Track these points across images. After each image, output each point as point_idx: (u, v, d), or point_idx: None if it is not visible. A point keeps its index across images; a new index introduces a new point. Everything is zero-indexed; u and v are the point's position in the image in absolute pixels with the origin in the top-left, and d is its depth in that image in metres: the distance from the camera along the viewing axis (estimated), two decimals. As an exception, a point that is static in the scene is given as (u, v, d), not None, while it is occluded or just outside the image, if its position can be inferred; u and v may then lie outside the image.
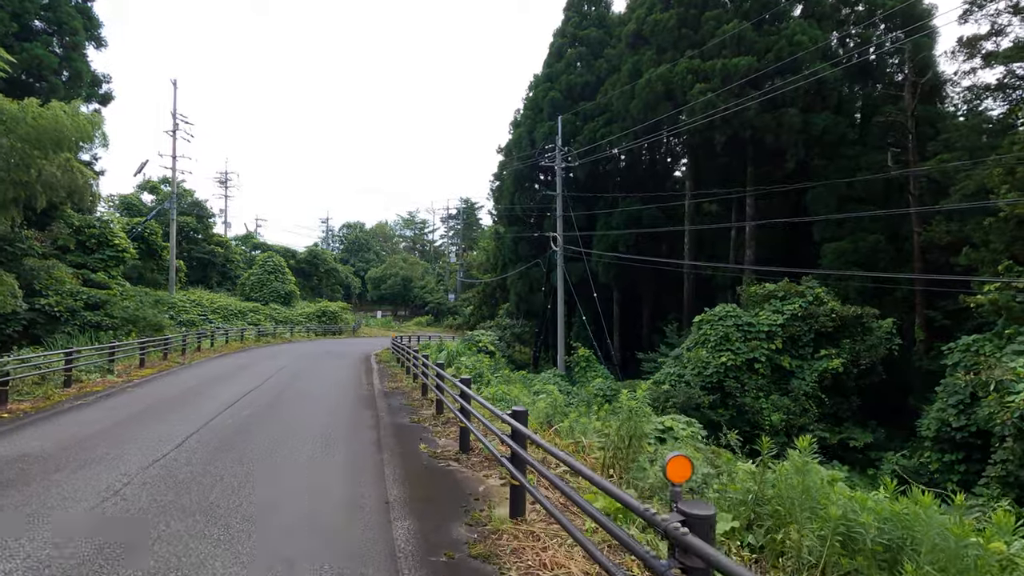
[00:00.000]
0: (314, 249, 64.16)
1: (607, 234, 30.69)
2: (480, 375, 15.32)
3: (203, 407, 9.79)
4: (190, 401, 10.45)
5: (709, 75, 23.38)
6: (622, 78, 28.33)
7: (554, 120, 32.66)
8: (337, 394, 11.94)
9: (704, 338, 20.69)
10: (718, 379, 19.64)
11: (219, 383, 13.30)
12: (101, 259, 25.66)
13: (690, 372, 20.39)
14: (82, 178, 21.22)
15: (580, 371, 25.12)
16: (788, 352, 20.29)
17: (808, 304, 20.33)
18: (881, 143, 23.11)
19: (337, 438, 7.57)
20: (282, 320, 43.60)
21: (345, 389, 12.88)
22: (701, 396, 19.07)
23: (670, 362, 22.73)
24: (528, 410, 5.22)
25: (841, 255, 22.35)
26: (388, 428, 8.29)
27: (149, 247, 39.86)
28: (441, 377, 9.02)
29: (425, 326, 69.45)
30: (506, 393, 11.71)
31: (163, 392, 11.57)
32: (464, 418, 6.68)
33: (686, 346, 22.15)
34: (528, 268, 35.38)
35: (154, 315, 23.30)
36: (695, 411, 19.16)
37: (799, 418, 18.80)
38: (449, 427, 8.48)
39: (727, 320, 20.48)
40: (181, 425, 8.06)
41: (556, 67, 34.02)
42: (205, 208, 54.06)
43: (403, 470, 6.04)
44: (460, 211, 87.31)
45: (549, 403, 9.27)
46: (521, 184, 35.45)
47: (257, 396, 11.24)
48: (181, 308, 37.15)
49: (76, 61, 25.52)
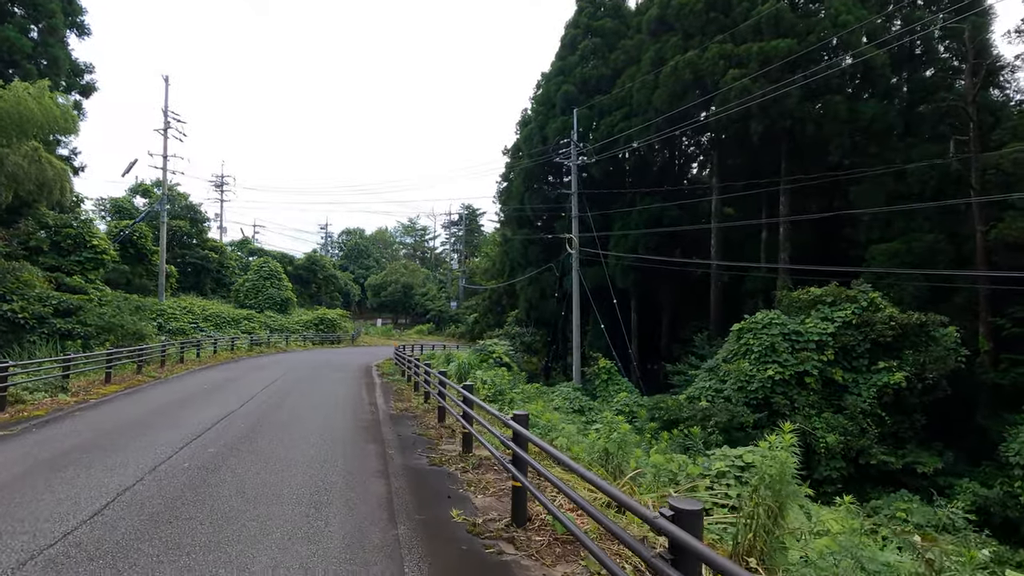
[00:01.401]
0: (312, 255, 62.01)
1: (625, 235, 28.58)
2: (501, 392, 13.11)
3: (157, 441, 7.58)
4: (144, 432, 8.23)
5: (744, 60, 21.37)
6: (643, 68, 26.36)
7: (567, 115, 30.67)
8: (333, 419, 9.72)
9: (746, 348, 18.51)
10: (764, 395, 17.44)
11: (191, 404, 11.08)
12: (77, 261, 23.48)
13: (731, 387, 18.20)
14: (52, 170, 19.12)
15: (601, 384, 22.92)
16: (840, 364, 18.12)
17: (862, 310, 18.18)
18: (933, 133, 21.04)
19: (331, 496, 5.35)
20: (278, 328, 41.36)
21: (343, 411, 10.66)
22: (746, 414, 16.85)
23: (703, 375, 20.54)
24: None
25: (893, 257, 20.22)
26: (402, 476, 6.09)
27: (138, 251, 37.76)
28: (469, 403, 6.83)
29: (426, 334, 67.16)
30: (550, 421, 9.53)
31: (117, 418, 9.34)
32: (517, 471, 4.48)
33: (722, 357, 19.97)
34: (539, 273, 33.24)
35: (133, 323, 21.07)
36: (739, 431, 16.98)
37: (857, 439, 16.58)
38: (484, 473, 6.28)
39: (772, 328, 18.30)
40: (111, 477, 5.81)
41: (569, 60, 32.08)
42: (199, 212, 51.96)
43: (433, 564, 3.84)
44: (462, 216, 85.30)
45: (614, 439, 7.05)
46: (531, 184, 33.39)
47: (232, 424, 9.02)
48: (170, 315, 35.01)
49: (53, 47, 23.51)
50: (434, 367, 12.20)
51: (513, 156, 38.01)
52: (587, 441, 8.53)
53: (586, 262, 28.25)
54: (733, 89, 21.13)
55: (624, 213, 29.56)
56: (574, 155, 27.22)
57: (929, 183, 19.37)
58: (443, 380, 9.10)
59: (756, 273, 25.68)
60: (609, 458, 7.24)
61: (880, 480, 16.70)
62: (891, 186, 20.56)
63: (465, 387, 6.92)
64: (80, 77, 26.59)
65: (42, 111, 17.30)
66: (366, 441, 7.98)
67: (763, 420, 17.06)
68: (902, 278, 20.02)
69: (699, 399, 19.15)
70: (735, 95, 21.06)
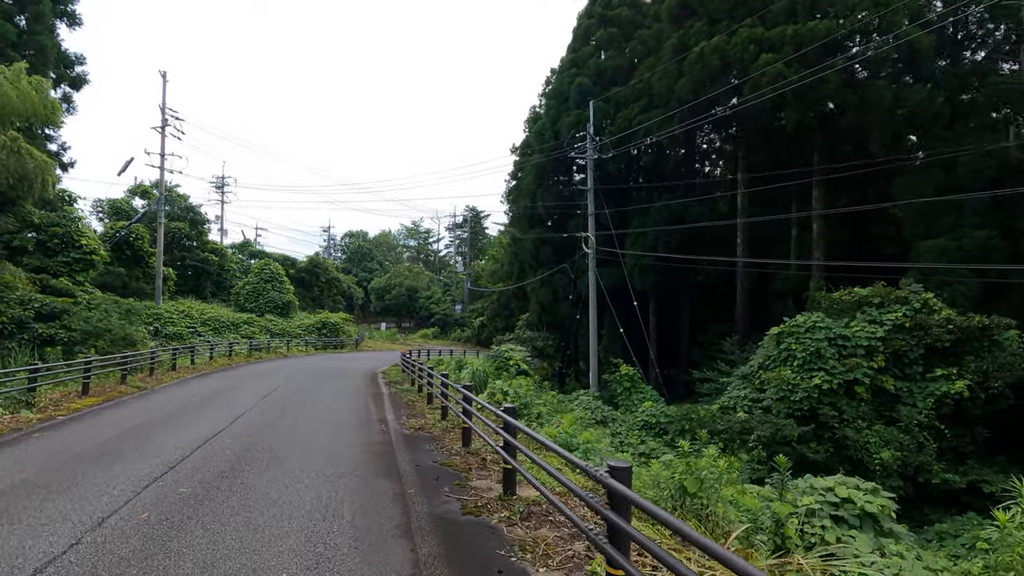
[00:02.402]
0: (315, 258, 60.55)
1: (644, 233, 27.04)
2: (526, 406, 11.57)
3: (118, 477, 6.08)
4: (106, 463, 6.73)
5: (777, 44, 19.86)
6: (664, 56, 24.88)
7: (582, 108, 29.21)
8: (337, 442, 8.21)
9: (788, 354, 16.94)
10: (810, 405, 15.85)
11: (173, 422, 9.59)
12: (65, 262, 22.07)
13: (771, 396, 16.62)
14: (33, 162, 17.67)
15: (623, 392, 21.32)
16: (890, 371, 16.54)
17: (914, 312, 16.61)
18: (984, 121, 19.49)
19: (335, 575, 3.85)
20: (279, 333, 39.91)
21: (349, 431, 9.16)
22: (791, 427, 15.26)
23: (736, 383, 18.98)
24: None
25: (941, 254, 18.64)
26: (429, 533, 4.55)
27: (135, 253, 36.42)
28: (512, 430, 5.31)
29: (431, 338, 65.65)
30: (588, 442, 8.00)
31: (79, 443, 7.84)
32: (616, 552, 2.97)
33: (758, 363, 18.41)
34: (551, 274, 31.70)
35: (122, 327, 19.63)
36: (783, 446, 15.38)
37: (915, 455, 14.98)
38: (537, 527, 4.74)
39: (816, 332, 16.73)
40: (35, 542, 4.31)
41: (583, 51, 30.63)
42: (199, 213, 50.62)
43: None
44: (467, 219, 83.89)
45: (694, 476, 5.53)
46: (544, 181, 31.89)
47: (216, 449, 7.53)
48: (168, 320, 33.65)
49: (40, 35, 22.15)
50: (449, 377, 10.77)
51: (522, 153, 36.58)
52: (648, 472, 7.01)
53: (601, 262, 26.74)
54: (766, 75, 19.63)
55: (642, 210, 28.04)
56: (590, 149, 25.74)
57: (984, 173, 17.80)
58: (468, 395, 7.58)
59: (785, 272, 24.12)
60: (686, 499, 5.72)
61: (940, 500, 15.10)
62: (940, 178, 18.98)
63: (507, 411, 5.39)
64: (71, 69, 25.27)
65: (20, 97, 15.90)
66: (378, 474, 6.46)
67: (809, 433, 15.47)
68: (951, 278, 18.44)
69: (734, 409, 17.60)
70: (768, 81, 19.55)
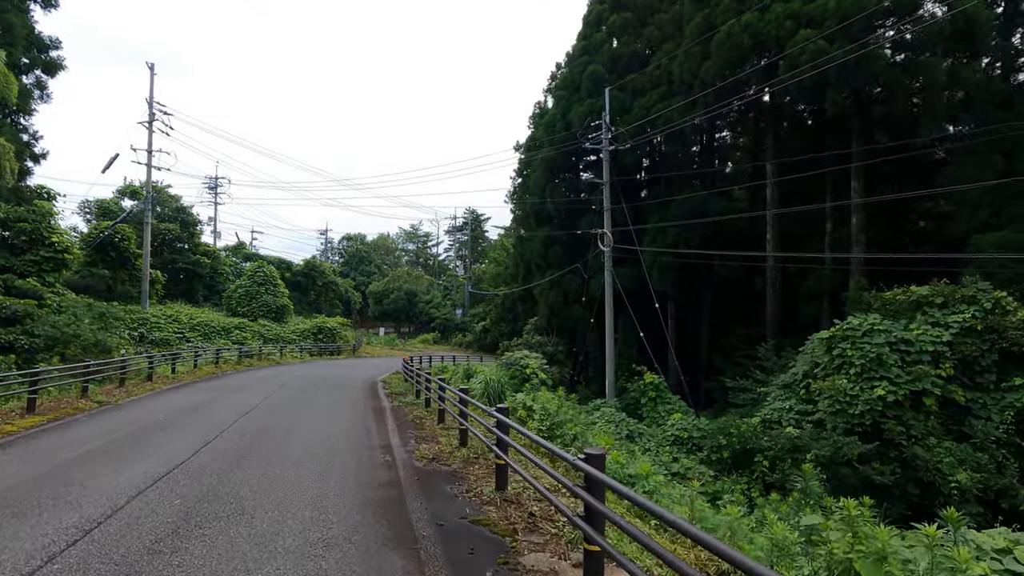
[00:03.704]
0: (312, 261, 58.51)
1: (663, 229, 25.13)
2: (559, 424, 9.60)
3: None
4: (4, 521, 4.75)
5: (817, 18, 18.04)
6: (688, 37, 23.05)
7: (595, 97, 27.39)
8: (328, 486, 6.19)
9: (842, 361, 14.99)
10: (873, 420, 13.89)
11: (119, 453, 7.60)
12: (33, 261, 20.07)
13: (824, 409, 14.66)
14: (-12, 146, 15.81)
15: (648, 403, 19.35)
16: (957, 380, 14.63)
17: (984, 313, 14.71)
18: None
19: None
20: (272, 338, 37.86)
21: (344, 466, 7.17)
22: (853, 445, 13.30)
23: (777, 392, 17.04)
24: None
25: (1005, 248, 16.75)
26: None
27: (120, 255, 34.44)
28: (596, 490, 3.37)
29: (432, 344, 63.59)
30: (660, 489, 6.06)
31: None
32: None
33: (802, 371, 16.48)
34: (562, 275, 29.76)
35: (93, 333, 17.62)
36: (843, 466, 13.44)
37: (996, 477, 13.02)
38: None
39: (875, 337, 14.78)
40: None
41: (595, 38, 28.83)
42: (191, 214, 48.64)
43: None
44: (467, 221, 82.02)
45: (870, 560, 3.56)
46: (554, 176, 30.02)
47: (160, 499, 5.54)
48: (154, 324, 31.68)
49: (7, 12, 20.22)
50: (450, 382, 8.84)
51: (527, 150, 34.76)
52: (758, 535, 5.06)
53: (616, 262, 24.84)
54: (805, 52, 17.79)
55: (661, 205, 26.15)
56: (606, 139, 23.88)
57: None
58: (503, 421, 5.63)
59: (820, 270, 22.21)
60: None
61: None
62: (999, 164, 17.14)
63: (591, 459, 3.44)
64: (44, 53, 23.33)
65: (-30, 71, 13.99)
66: (384, 543, 4.48)
67: (871, 453, 13.50)
68: (1014, 276, 16.57)
69: (779, 423, 15.64)
70: (807, 59, 17.71)
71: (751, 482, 15.02)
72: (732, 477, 15.15)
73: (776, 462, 14.12)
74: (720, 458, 16.22)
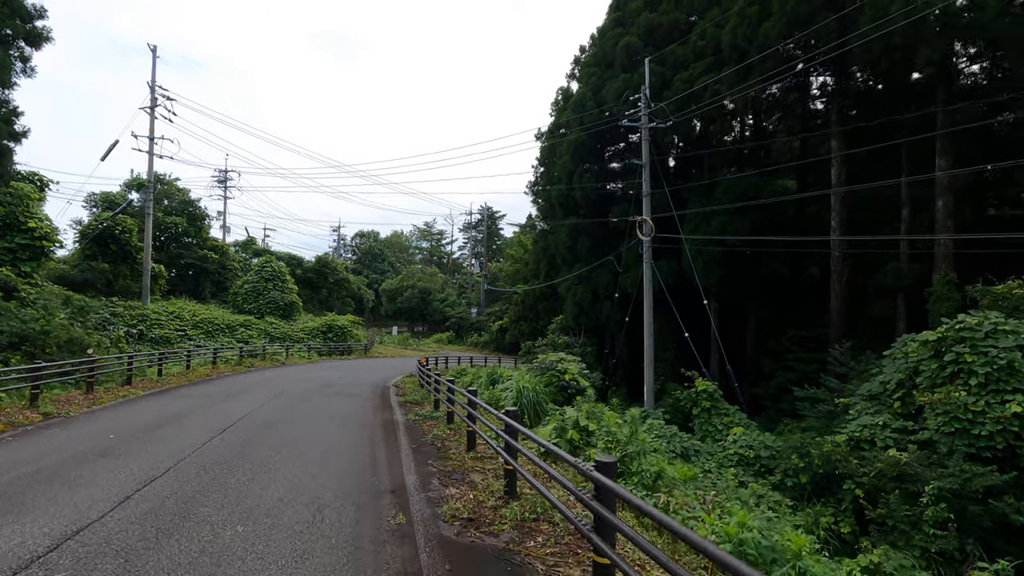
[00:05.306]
0: (323, 257, 56.45)
1: (709, 215, 22.37)
2: (631, 457, 7.00)
3: None
4: None
5: (909, -40, 15.20)
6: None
7: (629, 72, 24.77)
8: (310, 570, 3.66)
9: (957, 368, 12.18)
10: (1005, 443, 11.08)
11: (29, 495, 5.17)
12: (7, 248, 17.98)
13: (935, 427, 11.86)
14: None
15: (702, 414, 16.65)
16: (1100, 393, 11.75)
17: None
18: None
19: None
20: (279, 336, 35.76)
21: (339, 523, 4.66)
22: (987, 475, 10.51)
23: (863, 405, 14.21)
24: None
25: None
26: None
27: (122, 248, 32.56)
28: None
29: (446, 343, 61.29)
30: None
31: None
32: None
33: (896, 380, 13.66)
34: (591, 269, 27.12)
35: (67, 330, 15.38)
36: (974, 502, 10.68)
37: None
38: None
39: (1001, 339, 11.93)
40: None
41: (629, 7, 26.17)
42: (199, 208, 46.74)
43: None
44: (483, 217, 79.60)
45: None
46: (583, 161, 27.38)
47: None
48: (154, 321, 29.70)
49: (-21, -28, 18.10)
50: (474, 389, 6.39)
51: (549, 137, 32.19)
52: None
53: (653, 254, 22.15)
54: (895, 1, 14.99)
55: (705, 188, 23.41)
56: (645, 115, 21.19)
57: None
58: (613, 489, 3.06)
59: (896, 263, 19.30)
60: None
61: None
62: None
63: None
64: (28, 23, 21.24)
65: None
66: None
67: (1007, 485, 10.70)
68: None
69: (872, 443, 12.88)
70: (897, 7, 14.91)
71: (838, 514, 12.39)
72: (816, 507, 12.53)
73: (878, 493, 11.42)
74: (796, 483, 13.59)
